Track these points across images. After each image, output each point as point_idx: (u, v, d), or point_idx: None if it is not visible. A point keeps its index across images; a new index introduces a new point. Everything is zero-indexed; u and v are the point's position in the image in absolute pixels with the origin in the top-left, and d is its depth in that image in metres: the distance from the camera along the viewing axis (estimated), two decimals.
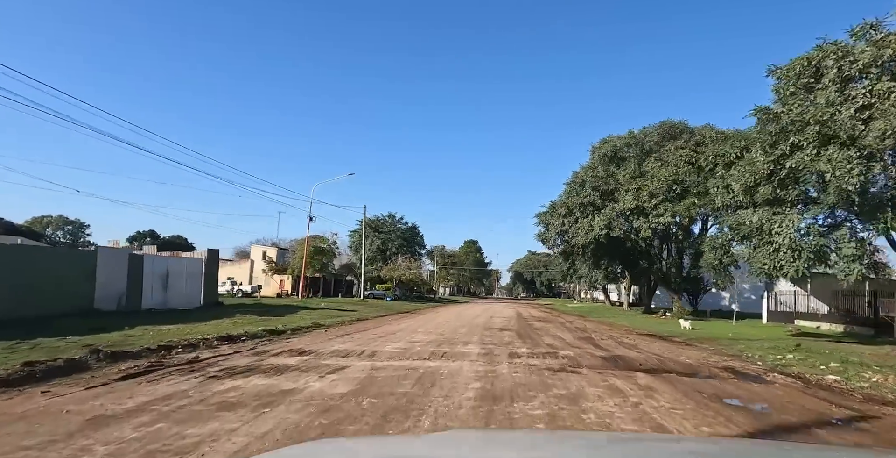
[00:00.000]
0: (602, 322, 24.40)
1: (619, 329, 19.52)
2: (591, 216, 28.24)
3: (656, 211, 26.72)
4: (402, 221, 58.96)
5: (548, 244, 32.40)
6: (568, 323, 21.78)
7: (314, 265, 46.66)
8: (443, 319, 21.37)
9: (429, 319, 21.28)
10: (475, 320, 21.24)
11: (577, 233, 28.93)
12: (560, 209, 30.16)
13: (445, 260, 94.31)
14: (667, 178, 26.94)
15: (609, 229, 27.35)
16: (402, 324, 17.58)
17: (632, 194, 27.28)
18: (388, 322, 18.94)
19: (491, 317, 24.22)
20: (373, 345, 10.45)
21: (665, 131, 31.80)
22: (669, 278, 32.54)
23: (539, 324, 19.89)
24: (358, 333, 13.92)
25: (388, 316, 24.08)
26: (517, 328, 16.38)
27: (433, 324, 17.63)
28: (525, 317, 26.09)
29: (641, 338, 15.19)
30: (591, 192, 28.40)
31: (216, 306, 23.61)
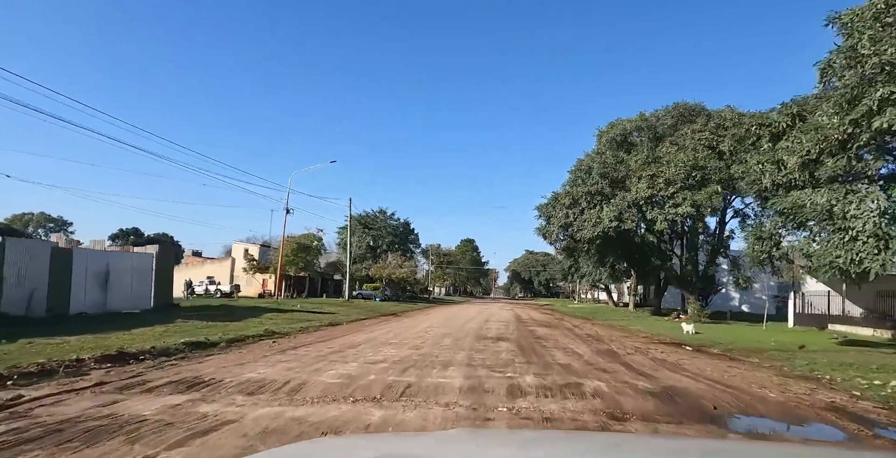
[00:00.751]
0: (613, 327, 21.29)
1: (636, 336, 16.42)
2: (599, 207, 25.14)
3: (673, 200, 23.62)
4: (394, 216, 55.74)
5: (549, 239, 29.29)
6: (576, 328, 18.67)
7: (297, 263, 43.39)
8: (429, 324, 18.20)
9: (412, 324, 18.12)
10: (467, 325, 18.06)
11: (582, 226, 25.82)
12: (564, 200, 27.03)
13: (441, 259, 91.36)
14: (685, 163, 23.86)
15: (620, 220, 24.24)
16: (375, 331, 14.42)
17: (645, 182, 24.17)
18: (361, 328, 15.80)
19: (486, 321, 21.07)
20: (311, 369, 7.27)
21: (679, 114, 28.74)
22: (684, 276, 29.46)
23: (542, 330, 16.76)
24: (314, 344, 10.79)
25: (368, 319, 20.94)
26: (517, 338, 13.22)
27: (414, 331, 14.46)
28: (525, 320, 22.96)
29: (672, 350, 12.08)
30: (599, 179, 25.29)
31: (168, 308, 20.43)
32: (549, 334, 15.17)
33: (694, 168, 23.78)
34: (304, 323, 16.90)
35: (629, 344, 12.91)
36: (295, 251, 43.83)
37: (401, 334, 13.36)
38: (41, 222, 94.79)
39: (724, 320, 29.24)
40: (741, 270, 28.10)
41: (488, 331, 15.21)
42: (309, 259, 44.93)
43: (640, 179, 24.62)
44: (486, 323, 19.36)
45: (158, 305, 20.16)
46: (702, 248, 29.35)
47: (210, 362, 7.89)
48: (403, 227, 56.52)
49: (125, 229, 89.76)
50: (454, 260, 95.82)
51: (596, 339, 14.10)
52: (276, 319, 18.47)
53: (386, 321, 19.81)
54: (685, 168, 23.69)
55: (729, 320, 29.52)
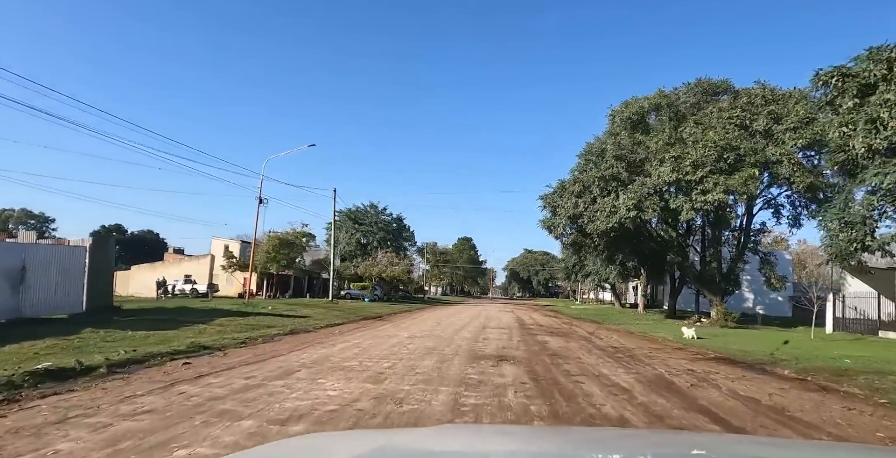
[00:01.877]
0: (633, 333, 17.93)
1: (671, 348, 13.12)
2: (614, 194, 21.78)
3: (702, 186, 20.28)
4: (386, 211, 52.27)
5: (555, 233, 25.89)
6: (594, 337, 15.30)
7: (279, 261, 39.90)
8: (413, 331, 14.79)
9: (392, 332, 14.70)
10: (459, 333, 14.64)
11: (594, 217, 22.45)
12: (573, 187, 23.66)
13: (437, 257, 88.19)
14: (716, 143, 20.52)
15: (639, 209, 20.88)
16: (339, 344, 10.98)
17: (669, 165, 20.82)
18: (325, 338, 12.39)
19: (483, 327, 17.68)
20: (148, 445, 3.86)
21: (703, 91, 25.41)
22: (705, 275, 26.13)
23: (555, 341, 13.37)
24: (235, 369, 7.42)
25: (345, 324, 17.57)
26: (526, 356, 9.78)
27: (388, 345, 11.01)
28: (529, 326, 19.58)
29: (737, 373, 8.74)
30: (615, 163, 21.91)
31: (105, 312, 17.04)
32: (565, 347, 11.76)
33: (726, 149, 20.46)
34: (256, 332, 13.55)
35: (676, 364, 9.54)
36: (277, 248, 40.41)
37: (369, 350, 9.94)
38: (22, 219, 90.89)
39: (752, 325, 25.94)
40: (773, 268, 24.81)
41: (486, 344, 11.78)
42: (292, 256, 41.45)
43: (662, 162, 21.27)
44: (483, 330, 15.97)
45: (94, 308, 16.79)
46: (726, 243, 26.04)
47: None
48: (396, 222, 53.05)
49: (107, 226, 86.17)
50: (451, 259, 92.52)
51: (628, 355, 10.72)
52: (227, 326, 15.12)
53: (363, 328, 16.41)
54: (716, 148, 20.36)
55: (758, 325, 26.24)
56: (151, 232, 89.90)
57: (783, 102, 22.70)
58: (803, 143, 20.99)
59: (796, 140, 21.06)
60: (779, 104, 22.53)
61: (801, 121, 21.62)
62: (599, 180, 21.89)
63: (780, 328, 25.97)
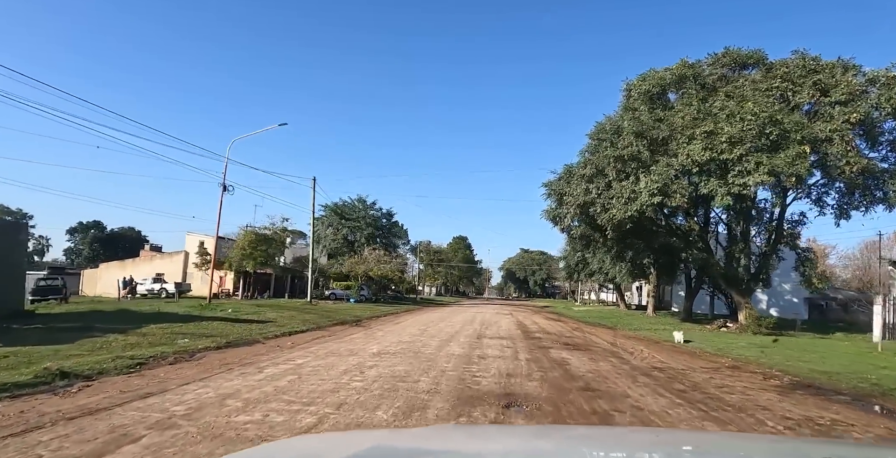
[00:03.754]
0: (660, 343, 14.59)
1: (728, 367, 9.82)
2: (634, 178, 18.43)
3: (741, 166, 16.97)
4: (375, 206, 48.75)
5: (560, 225, 22.52)
6: (622, 351, 11.86)
7: (256, 258, 36.34)
8: (383, 346, 11.25)
9: (358, 346, 11.13)
10: (446, 348, 11.12)
11: (609, 205, 19.09)
12: (583, 170, 20.28)
13: (431, 257, 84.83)
14: (756, 115, 17.21)
15: (664, 195, 17.52)
16: (269, 369, 7.46)
17: (701, 142, 17.49)
18: (267, 355, 8.92)
19: (478, 335, 14.26)
20: None
21: (732, 62, 22.09)
22: (731, 273, 22.83)
23: (576, 360, 9.92)
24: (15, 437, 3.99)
25: (309, 332, 14.16)
26: (548, 395, 6.20)
27: (335, 373, 7.32)
28: (535, 334, 16.18)
29: (878, 422, 5.38)
30: (634, 140, 18.54)
31: (8, 318, 13.64)
32: (596, 372, 8.29)
33: (768, 122, 17.16)
34: (179, 345, 10.17)
35: (773, 404, 6.18)
36: (253, 244, 36.87)
37: (304, 382, 6.44)
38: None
39: (788, 331, 22.66)
40: (814, 265, 21.56)
41: (483, 367, 8.27)
42: (271, 253, 37.89)
43: (690, 139, 17.93)
44: (478, 342, 12.53)
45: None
46: (757, 236, 22.78)
47: None
48: (386, 218, 49.57)
49: (85, 223, 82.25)
50: (445, 258, 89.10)
51: (689, 385, 7.32)
52: (150, 336, 11.79)
53: (327, 337, 12.96)
54: (756, 122, 17.05)
55: (796, 331, 22.94)
56: (132, 229, 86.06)
57: (829, 72, 19.46)
58: (857, 118, 17.78)
59: (848, 115, 17.83)
60: (825, 73, 19.28)
61: (854, 93, 18.40)
62: (616, 161, 18.51)
63: (818, 335, 22.74)
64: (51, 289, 30.18)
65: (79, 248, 78.69)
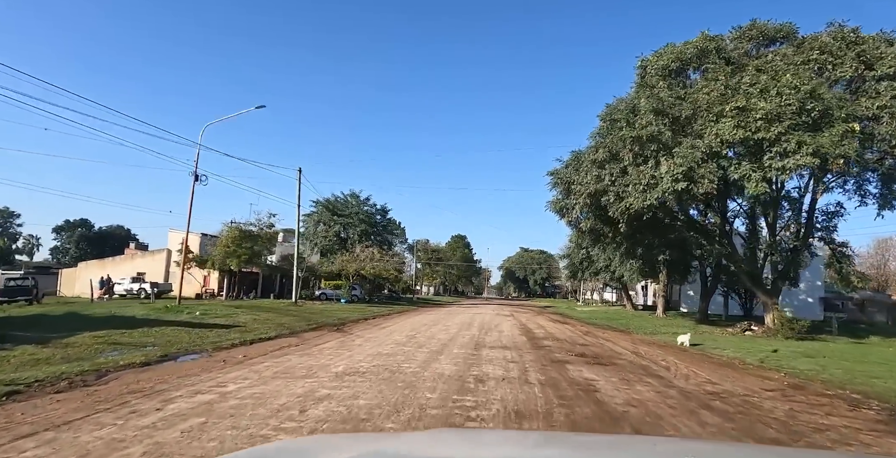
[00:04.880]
0: (688, 352, 12.32)
1: (793, 387, 7.64)
2: (654, 161, 16.15)
3: (779, 146, 14.71)
4: (369, 201, 46.40)
5: (568, 217, 20.24)
6: (653, 365, 9.57)
7: (240, 256, 34.01)
8: (355, 361, 8.86)
9: (323, 361, 8.75)
10: (433, 365, 8.69)
11: (625, 193, 16.82)
12: (595, 155, 17.99)
13: (429, 255, 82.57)
14: (797, 88, 14.97)
15: (690, 180, 15.23)
16: (174, 405, 5.18)
17: (732, 120, 15.23)
18: (198, 376, 6.61)
19: (476, 345, 11.97)
20: None
21: (759, 35, 19.84)
22: (756, 271, 20.59)
23: (606, 383, 7.58)
24: None
25: (278, 339, 11.92)
26: None
27: (261, 415, 5.09)
28: (543, 341, 13.90)
29: None
30: (654, 119, 16.25)
31: None
32: (639, 404, 5.92)
33: (810, 97, 14.90)
34: (92, 361, 7.99)
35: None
36: (237, 241, 34.55)
37: (190, 444, 4.16)
38: None
39: (818, 335, 20.41)
40: (850, 261, 19.32)
41: (484, 401, 5.76)
42: (256, 250, 35.52)
43: (719, 116, 15.67)
44: (476, 354, 10.24)
45: None
46: (786, 229, 20.51)
47: None
48: (381, 214, 47.19)
49: (72, 221, 79.79)
50: (444, 257, 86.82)
51: (782, 427, 5.04)
52: (69, 349, 9.80)
53: (294, 347, 10.67)
54: (797, 96, 14.79)
55: (822, 335, 20.68)
56: (121, 228, 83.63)
57: (872, 44, 17.24)
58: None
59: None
60: (869, 45, 17.06)
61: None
62: (633, 143, 16.22)
63: (851, 339, 20.49)
64: (20, 290, 28.10)
65: (65, 247, 76.41)
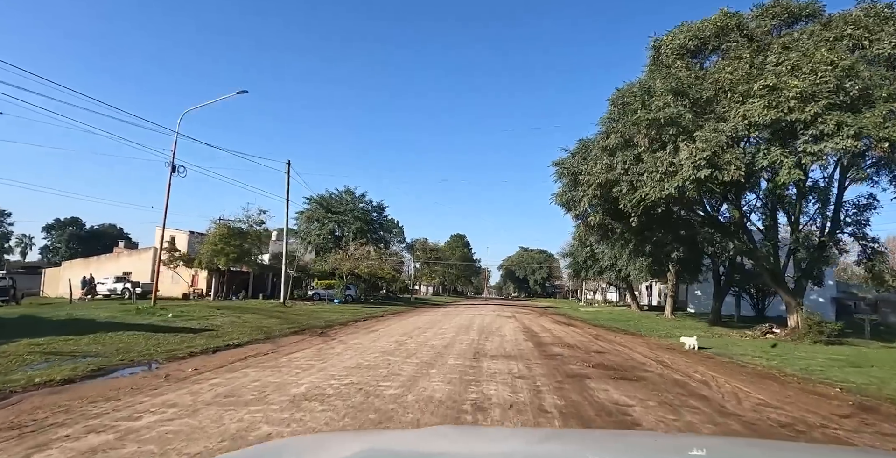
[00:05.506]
0: (724, 363, 10.72)
1: (860, 409, 5.97)
2: (673, 147, 14.56)
3: (815, 128, 13.12)
4: (365, 198, 44.79)
5: (575, 211, 18.67)
6: (690, 380, 7.89)
7: (228, 254, 32.41)
8: (325, 375, 7.28)
9: (290, 375, 7.14)
10: (419, 385, 7.06)
11: (639, 182, 15.24)
12: (605, 141, 16.39)
13: (428, 255, 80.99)
14: (834, 64, 13.38)
15: (714, 167, 13.64)
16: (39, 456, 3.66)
17: (761, 99, 13.64)
18: (108, 405, 4.98)
19: (475, 352, 10.35)
20: None
21: (783, 12, 18.26)
22: (777, 269, 19.01)
23: (638, 402, 5.98)
24: None
25: (245, 348, 10.33)
26: None
27: None
28: (548, 345, 12.28)
29: None
30: (672, 100, 14.66)
31: None
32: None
33: (849, 74, 13.33)
34: None
35: None
36: (225, 238, 32.94)
37: None
38: None
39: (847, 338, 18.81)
40: (885, 258, 17.74)
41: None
42: (246, 248, 33.90)
43: (745, 96, 14.08)
44: (475, 367, 8.63)
45: None
46: (811, 223, 18.90)
47: None
48: (377, 211, 45.58)
49: (63, 220, 78.08)
50: (443, 256, 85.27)
51: None
52: None
53: (259, 359, 9.05)
54: (834, 73, 13.21)
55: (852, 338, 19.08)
56: (113, 226, 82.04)
57: None
58: None
59: None
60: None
61: None
62: (649, 127, 14.62)
63: (884, 344, 18.90)
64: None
65: (55, 246, 74.73)
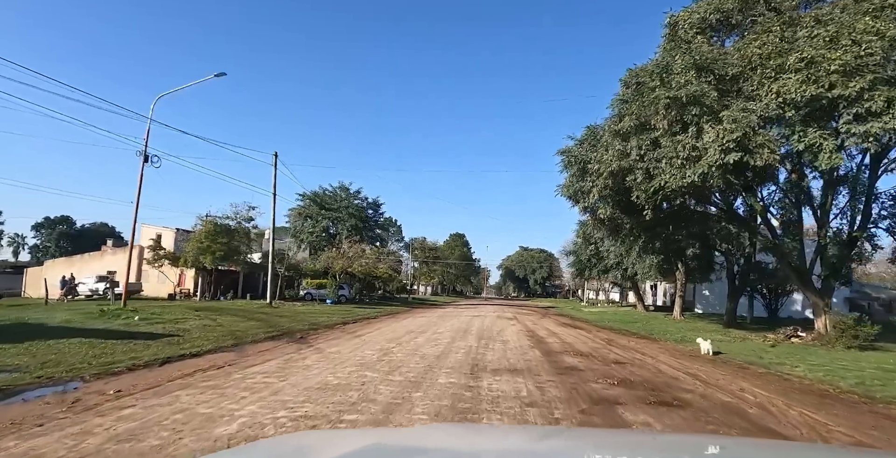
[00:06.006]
0: (767, 377, 9.07)
1: None
2: (696, 129, 12.94)
3: (861, 106, 11.50)
4: (360, 194, 43.15)
5: (584, 203, 17.04)
6: (744, 405, 6.29)
7: (215, 252, 30.76)
8: (278, 402, 5.77)
9: (225, 404, 5.62)
10: (398, 415, 5.68)
11: (657, 169, 13.62)
12: (619, 125, 14.76)
13: (426, 254, 79.44)
14: (882, 35, 11.78)
15: (744, 150, 12.02)
16: None
17: (798, 73, 12.02)
18: None
19: (473, 367, 8.66)
20: None
21: None
22: (803, 266, 17.41)
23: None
24: None
25: (199, 359, 8.68)
26: None
27: None
28: (558, 353, 10.65)
29: None
30: (695, 76, 13.04)
31: None
32: None
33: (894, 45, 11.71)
34: None
35: None
36: (212, 236, 31.30)
37: None
38: None
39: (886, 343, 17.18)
40: None
41: None
42: (233, 246, 32.23)
43: (779, 71, 12.46)
44: (473, 382, 7.01)
45: None
46: (841, 216, 17.30)
47: None
48: (372, 208, 43.94)
49: (53, 218, 76.36)
50: (441, 256, 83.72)
51: None
52: None
53: (207, 375, 7.41)
54: (881, 44, 11.60)
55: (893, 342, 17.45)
56: (105, 225, 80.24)
57: None
58: None
59: None
60: None
61: None
62: (669, 107, 12.99)
63: None
64: None
65: (45, 245, 73.04)
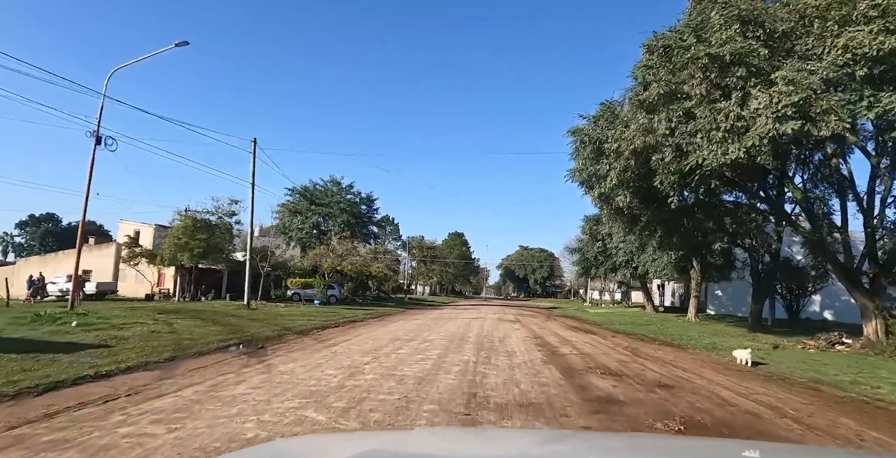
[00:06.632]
0: (848, 404, 6.81)
1: None
2: (740, 95, 10.68)
3: None
4: (353, 189, 40.85)
5: (600, 188, 14.73)
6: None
7: (193, 249, 28.43)
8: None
9: None
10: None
11: (691, 145, 11.36)
12: (645, 94, 12.46)
13: (424, 253, 77.23)
14: None
15: (804, 118, 9.76)
16: None
17: (871, 24, 9.75)
18: None
19: (468, 394, 6.42)
20: None
21: None
22: (850, 263, 15.19)
23: None
24: None
25: (81, 387, 6.35)
26: None
27: None
28: (580, 371, 8.35)
29: None
30: (737, 31, 10.77)
31: None
32: None
33: None
34: None
35: None
36: (190, 232, 28.96)
37: None
38: None
39: None
40: None
41: None
42: (213, 243, 29.86)
43: (843, 23, 10.21)
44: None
45: None
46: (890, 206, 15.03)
47: None
48: (366, 203, 41.64)
49: (37, 216, 74.01)
50: (440, 255, 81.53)
51: None
52: None
53: (72, 416, 5.17)
54: None
55: None
56: (92, 223, 77.81)
57: None
58: None
59: None
60: None
61: None
62: (707, 68, 10.72)
63: None
64: None
65: (30, 243, 70.72)
